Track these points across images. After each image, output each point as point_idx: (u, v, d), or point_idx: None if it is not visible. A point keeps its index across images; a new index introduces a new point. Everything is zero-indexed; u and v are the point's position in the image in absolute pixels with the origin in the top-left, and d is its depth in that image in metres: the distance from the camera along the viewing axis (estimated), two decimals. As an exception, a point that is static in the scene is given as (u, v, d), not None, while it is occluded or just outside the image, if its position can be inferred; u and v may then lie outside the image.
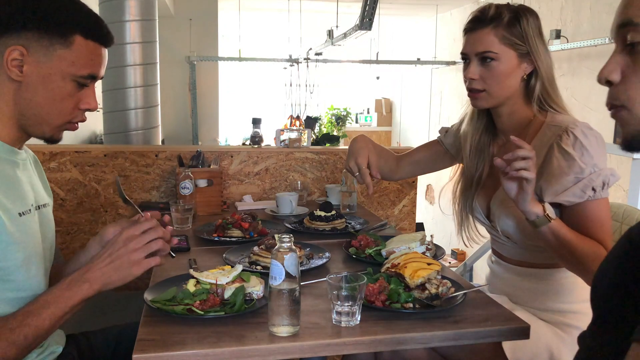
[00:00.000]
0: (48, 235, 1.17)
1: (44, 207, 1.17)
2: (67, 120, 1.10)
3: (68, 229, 2.42)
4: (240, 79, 9.56)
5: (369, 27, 5.08)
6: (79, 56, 1.05)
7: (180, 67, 6.26)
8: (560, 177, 1.28)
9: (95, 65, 1.09)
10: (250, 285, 1.16)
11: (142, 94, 3.58)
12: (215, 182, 2.20)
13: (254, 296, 1.15)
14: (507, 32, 1.38)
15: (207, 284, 1.14)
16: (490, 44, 1.38)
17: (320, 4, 6.73)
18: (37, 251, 1.09)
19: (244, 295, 1.12)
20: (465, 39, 1.45)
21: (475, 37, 1.41)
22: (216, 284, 1.13)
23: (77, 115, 1.11)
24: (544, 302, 1.39)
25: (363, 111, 9.78)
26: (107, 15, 3.47)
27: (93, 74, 1.09)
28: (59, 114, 1.08)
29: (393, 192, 2.73)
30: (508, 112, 1.44)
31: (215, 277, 1.15)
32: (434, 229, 6.52)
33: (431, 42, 7.50)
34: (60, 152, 2.38)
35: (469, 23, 1.43)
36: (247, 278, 1.17)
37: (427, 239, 1.51)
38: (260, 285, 1.17)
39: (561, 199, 1.28)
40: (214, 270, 1.20)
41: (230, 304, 1.10)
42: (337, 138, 6.67)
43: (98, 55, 1.10)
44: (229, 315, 1.07)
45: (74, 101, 1.08)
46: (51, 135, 1.11)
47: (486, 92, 1.41)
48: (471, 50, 1.42)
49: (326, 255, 1.49)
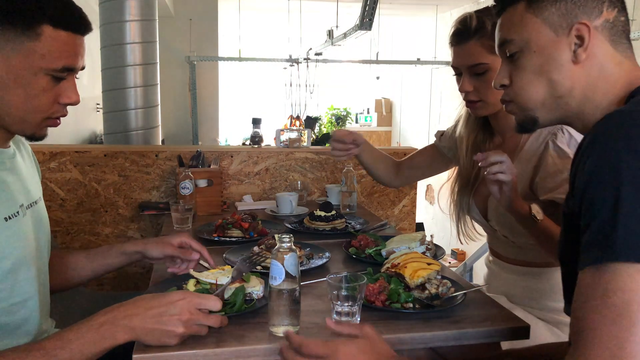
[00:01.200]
0: (42, 233, 1.14)
1: (35, 204, 1.12)
2: (46, 116, 1.02)
3: (68, 228, 2.42)
4: (240, 79, 9.56)
5: (369, 27, 5.08)
6: (49, 48, 0.96)
7: (180, 67, 6.26)
8: (555, 174, 1.28)
9: (70, 56, 1.00)
10: (250, 285, 1.16)
11: (142, 94, 3.58)
12: (215, 182, 2.20)
13: (254, 296, 1.15)
14: (493, 41, 1.38)
15: (207, 284, 1.14)
16: (479, 56, 1.37)
17: (320, 4, 6.74)
18: (26, 253, 1.05)
19: (244, 296, 1.12)
20: (452, 52, 1.44)
21: (463, 50, 1.40)
22: (216, 284, 1.13)
23: (58, 110, 1.03)
24: (541, 301, 1.40)
25: (363, 111, 9.79)
26: (107, 15, 3.47)
27: (69, 66, 1.00)
28: (36, 111, 1.00)
29: (393, 192, 2.73)
30: (504, 115, 1.44)
31: (215, 277, 1.15)
32: (434, 229, 6.52)
33: (431, 42, 7.51)
34: (60, 152, 2.38)
35: (452, 37, 1.42)
36: (247, 278, 1.17)
37: (427, 239, 1.51)
38: (260, 285, 1.17)
39: (556, 196, 1.28)
40: (214, 270, 1.20)
41: (230, 304, 1.10)
42: (337, 138, 6.64)
43: (72, 45, 1.00)
44: (229, 315, 1.07)
45: (51, 96, 1.00)
46: (32, 133, 1.04)
47: (482, 102, 1.42)
48: (461, 64, 1.42)
49: (326, 255, 1.49)
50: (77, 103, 1.05)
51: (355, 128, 9.43)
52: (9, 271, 1.00)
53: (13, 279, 1.01)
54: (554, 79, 0.88)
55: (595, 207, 0.70)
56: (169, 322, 0.94)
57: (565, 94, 0.88)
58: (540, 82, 0.90)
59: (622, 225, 0.67)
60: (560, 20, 0.87)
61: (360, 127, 9.48)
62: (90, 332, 0.91)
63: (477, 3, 6.40)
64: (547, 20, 0.88)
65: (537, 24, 0.89)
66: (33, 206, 1.11)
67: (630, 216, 0.67)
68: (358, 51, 8.48)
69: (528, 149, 1.40)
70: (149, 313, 0.94)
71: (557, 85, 0.88)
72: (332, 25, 6.25)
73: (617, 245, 0.67)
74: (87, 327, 0.92)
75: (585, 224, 0.72)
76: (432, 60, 7.15)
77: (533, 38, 0.89)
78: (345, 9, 6.28)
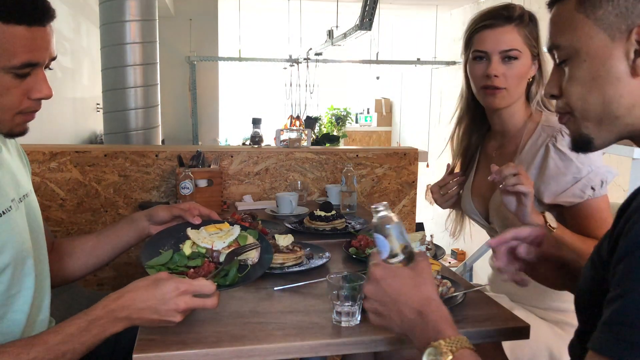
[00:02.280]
0: (36, 225, 1.13)
1: (26, 197, 1.11)
2: (16, 112, 0.97)
3: (68, 228, 2.42)
4: (240, 79, 9.56)
5: (369, 27, 5.08)
6: (4, 46, 0.89)
7: (180, 67, 6.26)
8: (558, 177, 1.28)
9: (30, 51, 0.92)
10: (245, 254, 1.15)
11: (142, 94, 3.58)
12: (215, 182, 2.20)
13: (248, 262, 1.13)
14: (528, 32, 1.38)
15: (202, 248, 1.14)
16: (515, 42, 1.37)
17: (320, 4, 6.74)
18: (22, 247, 1.04)
19: (237, 268, 1.10)
20: (481, 35, 1.39)
21: (499, 33, 1.37)
22: (212, 249, 1.12)
23: (30, 106, 0.98)
24: (544, 301, 1.40)
25: (363, 111, 9.79)
26: (107, 15, 3.48)
27: (30, 62, 0.93)
28: (4, 110, 0.95)
29: (393, 193, 2.73)
30: (511, 113, 1.44)
31: (211, 240, 1.14)
32: (434, 229, 6.51)
33: (431, 42, 7.50)
34: (60, 152, 2.38)
35: (489, 19, 1.38)
36: (244, 241, 1.15)
37: (427, 239, 1.51)
38: (256, 252, 1.15)
39: (561, 199, 1.28)
40: (212, 230, 1.18)
41: (224, 271, 1.09)
42: (337, 138, 6.65)
43: (30, 39, 0.91)
44: (222, 287, 1.04)
45: (18, 93, 0.95)
46: (9, 130, 1.00)
47: (506, 90, 1.39)
48: (494, 48, 1.37)
49: (326, 255, 1.49)
50: (49, 97, 1.00)
51: (355, 128, 9.43)
52: (6, 266, 1.00)
53: (10, 273, 1.01)
54: (610, 95, 0.74)
55: (632, 280, 0.62)
56: (166, 314, 0.95)
57: (624, 113, 0.74)
58: (594, 97, 0.76)
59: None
60: (617, 21, 0.72)
61: (360, 127, 9.47)
62: (89, 325, 0.93)
63: (478, 3, 6.40)
64: (602, 22, 0.73)
65: (589, 26, 0.74)
66: (24, 199, 1.11)
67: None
68: (358, 51, 8.48)
69: (528, 151, 1.39)
70: (145, 306, 0.95)
71: (614, 102, 0.74)
72: (332, 25, 6.24)
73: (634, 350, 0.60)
74: (85, 320, 0.93)
75: (615, 294, 0.64)
76: (432, 60, 7.15)
77: (583, 44, 0.75)
78: (345, 9, 6.27)
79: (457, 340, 0.77)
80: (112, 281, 2.51)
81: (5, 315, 1.03)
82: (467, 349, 0.76)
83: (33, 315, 1.11)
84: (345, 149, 2.77)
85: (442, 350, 0.76)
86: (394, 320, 0.84)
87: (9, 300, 1.03)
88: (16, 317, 1.06)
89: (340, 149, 2.81)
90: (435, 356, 0.77)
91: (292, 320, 1.09)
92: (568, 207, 1.30)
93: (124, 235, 1.34)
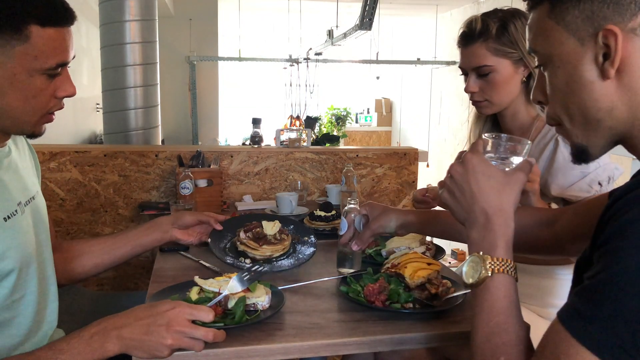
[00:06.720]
0: (42, 227, 1.13)
1: (33, 200, 1.12)
2: (45, 112, 1.03)
3: (68, 228, 2.42)
4: (240, 79, 9.56)
5: (369, 27, 5.07)
6: (41, 48, 0.95)
7: (180, 67, 6.26)
8: (566, 171, 1.30)
9: (62, 52, 0.99)
10: (254, 296, 1.09)
11: (142, 94, 3.58)
12: (215, 182, 2.20)
13: (258, 307, 1.09)
14: (496, 44, 1.40)
15: (210, 292, 1.08)
16: (483, 58, 1.41)
17: (320, 4, 6.74)
18: (27, 251, 1.04)
19: (244, 306, 1.06)
20: (459, 53, 1.48)
21: (468, 52, 1.44)
22: (219, 292, 1.07)
23: (55, 104, 1.04)
24: (545, 299, 1.40)
25: (363, 111, 9.79)
26: (107, 15, 3.47)
27: (62, 62, 1.00)
28: (35, 110, 1.01)
29: (393, 192, 2.73)
30: (511, 114, 1.47)
31: (219, 285, 1.09)
32: (434, 229, 6.50)
33: (431, 42, 7.50)
34: (60, 152, 2.38)
35: (459, 39, 1.47)
36: (253, 288, 1.11)
37: (427, 239, 1.51)
38: (266, 296, 1.11)
39: (568, 193, 1.29)
40: (220, 279, 1.13)
41: (232, 314, 1.05)
42: (337, 138, 6.66)
43: (61, 41, 0.99)
44: (228, 327, 1.01)
45: (48, 93, 1.01)
46: (32, 132, 1.05)
47: (487, 102, 1.45)
48: (467, 66, 1.46)
49: (311, 239, 1.52)
50: (74, 94, 1.05)
51: (355, 128, 9.43)
52: (10, 271, 1.00)
53: (15, 277, 1.01)
54: (585, 100, 0.73)
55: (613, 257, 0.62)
56: (156, 333, 0.90)
57: (604, 116, 0.73)
58: (572, 103, 0.75)
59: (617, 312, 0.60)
60: (585, 25, 0.71)
61: (360, 127, 9.47)
62: (81, 343, 0.90)
63: (477, 3, 6.40)
64: (570, 27, 0.72)
65: (559, 32, 0.74)
66: (31, 202, 1.11)
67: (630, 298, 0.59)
68: (358, 51, 8.48)
69: (537, 145, 1.42)
70: (138, 323, 0.92)
71: (591, 107, 0.73)
72: (332, 25, 6.24)
73: (596, 335, 0.62)
74: (78, 338, 0.91)
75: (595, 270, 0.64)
76: (432, 60, 7.15)
77: (555, 50, 0.75)
78: (345, 9, 6.27)
79: (504, 263, 0.78)
80: (112, 281, 2.51)
81: (10, 320, 1.03)
82: (509, 276, 0.78)
83: (38, 320, 1.11)
84: (345, 149, 2.77)
85: (485, 265, 0.78)
86: (462, 210, 0.85)
87: (13, 305, 1.03)
88: (20, 320, 1.06)
89: (340, 149, 2.81)
90: (476, 265, 0.79)
91: (292, 320, 1.09)
92: (574, 201, 1.30)
93: (146, 236, 1.36)
